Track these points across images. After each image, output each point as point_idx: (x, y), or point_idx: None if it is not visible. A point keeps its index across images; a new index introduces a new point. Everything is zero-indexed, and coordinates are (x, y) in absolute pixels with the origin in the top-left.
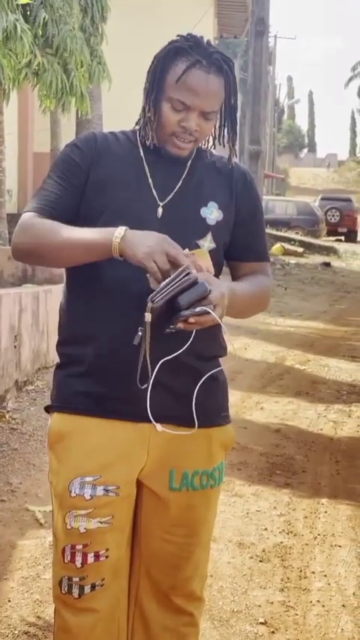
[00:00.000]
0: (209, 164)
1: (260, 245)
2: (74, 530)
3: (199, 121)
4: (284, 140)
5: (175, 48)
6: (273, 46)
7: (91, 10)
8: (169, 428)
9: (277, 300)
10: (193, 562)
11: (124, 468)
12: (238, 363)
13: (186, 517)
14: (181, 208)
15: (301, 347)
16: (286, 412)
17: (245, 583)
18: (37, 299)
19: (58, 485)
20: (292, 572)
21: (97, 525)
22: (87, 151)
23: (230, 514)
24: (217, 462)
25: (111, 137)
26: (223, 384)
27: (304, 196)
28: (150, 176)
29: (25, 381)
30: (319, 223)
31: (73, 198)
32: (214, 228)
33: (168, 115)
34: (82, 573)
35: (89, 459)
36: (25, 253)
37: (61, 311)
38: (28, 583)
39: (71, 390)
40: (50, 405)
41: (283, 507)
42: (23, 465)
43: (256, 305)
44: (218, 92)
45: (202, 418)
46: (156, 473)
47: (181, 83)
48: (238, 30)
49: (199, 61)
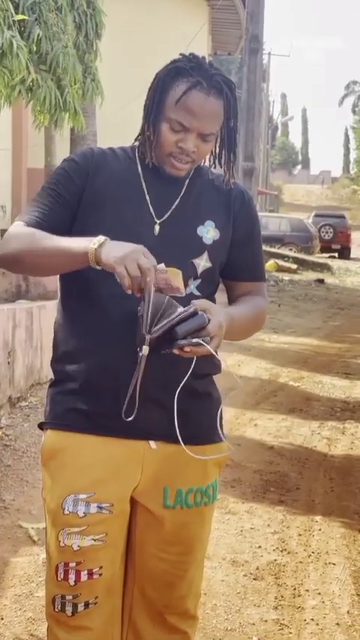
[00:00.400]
0: (208, 182)
1: (257, 265)
2: (67, 548)
3: (197, 142)
4: (278, 157)
5: (176, 68)
6: (267, 64)
7: (85, 27)
8: (163, 445)
9: (270, 316)
10: (187, 580)
11: (118, 485)
12: (232, 380)
13: (180, 535)
14: (177, 226)
15: (294, 364)
16: (280, 429)
17: (239, 601)
18: (31, 315)
19: (52, 503)
20: (286, 590)
21: (90, 543)
22: (83, 166)
23: (224, 531)
24: (212, 480)
25: (109, 153)
26: (217, 401)
27: (298, 213)
28: (147, 193)
29: (19, 397)
30: (312, 240)
31: (64, 213)
32: (211, 247)
33: (166, 135)
34: (75, 591)
35: (83, 476)
36: (8, 260)
37: (56, 327)
38: (21, 601)
39: (65, 407)
40: (44, 422)
41: (277, 525)
42: (16, 482)
43: (252, 327)
44: (217, 114)
45: (197, 436)
46: (150, 490)
47: (181, 104)
48: (233, 47)
49: (199, 82)
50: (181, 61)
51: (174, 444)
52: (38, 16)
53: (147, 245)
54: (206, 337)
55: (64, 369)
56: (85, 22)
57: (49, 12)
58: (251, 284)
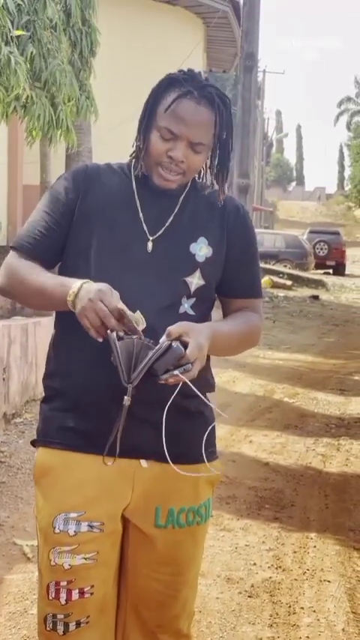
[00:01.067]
0: (203, 198)
1: (252, 282)
2: (58, 567)
3: (187, 152)
4: (273, 173)
5: (169, 79)
6: (262, 81)
7: (79, 45)
8: (154, 465)
9: (265, 332)
10: (180, 600)
11: (109, 503)
12: (227, 396)
13: (172, 555)
14: (170, 244)
15: (289, 380)
16: (274, 445)
17: (234, 619)
18: (26, 331)
19: (43, 521)
20: (281, 608)
21: (81, 562)
22: (75, 184)
23: (219, 548)
24: (204, 499)
25: (104, 169)
26: (210, 420)
27: (293, 229)
28: (141, 209)
29: (14, 413)
30: (307, 256)
31: (58, 234)
32: (203, 264)
33: (156, 143)
34: (66, 610)
35: (73, 495)
36: (5, 293)
37: (50, 344)
38: (15, 618)
39: (56, 424)
40: (36, 440)
41: (272, 542)
42: (11, 499)
43: (243, 343)
44: (207, 124)
45: (188, 454)
46: (141, 509)
47: (170, 112)
48: (227, 65)
49: (190, 91)
50: (175, 74)
51: (165, 463)
52: (32, 33)
53: (140, 262)
54: (187, 365)
55: (55, 385)
56: (80, 39)
57: (44, 30)
58: (245, 300)
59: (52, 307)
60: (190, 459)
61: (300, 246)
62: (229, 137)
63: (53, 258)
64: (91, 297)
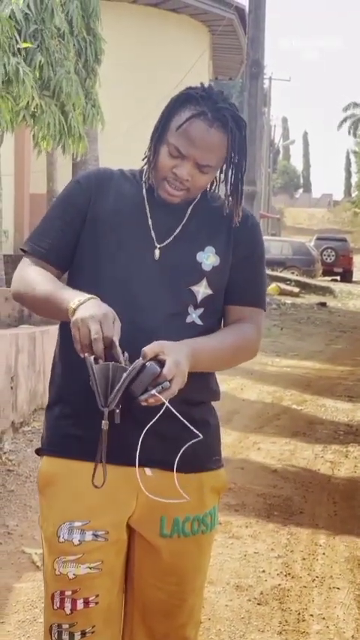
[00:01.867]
0: (212, 208)
1: (253, 290)
2: (63, 576)
3: (193, 171)
4: (279, 180)
5: (186, 95)
6: (268, 88)
7: (84, 54)
8: (159, 473)
9: (273, 340)
10: (186, 609)
11: (113, 512)
12: (235, 403)
13: (178, 564)
14: (177, 252)
15: (297, 387)
16: (283, 452)
17: (243, 626)
18: (34, 340)
19: (47, 530)
20: (290, 615)
21: (86, 571)
22: (86, 187)
23: (228, 556)
24: (209, 507)
25: (117, 174)
26: (214, 427)
27: (300, 236)
28: (150, 217)
29: (22, 422)
30: (314, 263)
31: (71, 237)
32: (210, 274)
33: (163, 159)
34: (71, 620)
35: (77, 504)
36: (18, 299)
37: (55, 350)
38: (24, 627)
39: (59, 433)
40: (40, 448)
41: (281, 549)
42: (20, 507)
43: (235, 357)
44: (217, 147)
45: (193, 463)
46: (146, 519)
47: (182, 131)
48: (234, 72)
49: (204, 112)
50: (194, 89)
51: (170, 472)
52: (40, 43)
53: (147, 269)
54: (165, 383)
55: (57, 392)
56: (85, 48)
57: (51, 39)
58: (246, 309)
59: (59, 317)
60: (195, 467)
61: (307, 253)
62: (242, 160)
63: (66, 262)
64: (93, 314)
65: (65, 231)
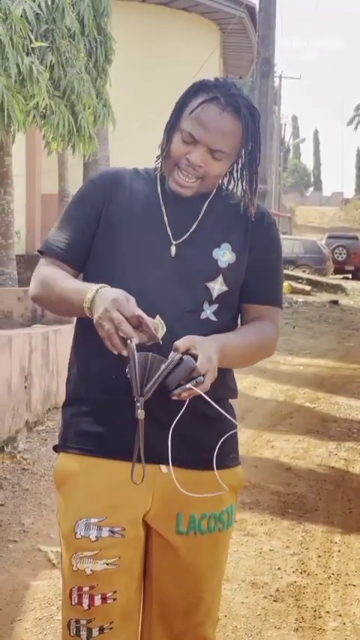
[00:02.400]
0: (228, 204)
1: (270, 288)
2: (80, 572)
3: (206, 157)
4: (290, 179)
5: (200, 84)
6: (278, 86)
7: (95, 54)
8: (174, 470)
9: (285, 338)
10: (204, 607)
11: (129, 509)
12: (248, 402)
13: (195, 562)
14: (194, 249)
15: (310, 385)
16: (297, 450)
17: (260, 623)
18: (47, 339)
19: (65, 527)
20: (306, 612)
21: (103, 567)
22: (101, 187)
23: (243, 553)
24: (226, 505)
25: (131, 173)
26: (231, 425)
27: (311, 235)
28: (166, 214)
29: (36, 421)
30: (326, 261)
31: (87, 237)
32: (226, 270)
33: (176, 145)
34: (89, 616)
35: (94, 500)
36: (37, 301)
37: (71, 348)
38: (41, 624)
39: (75, 430)
40: (57, 445)
41: (296, 546)
42: (35, 506)
43: (255, 355)
44: (230, 133)
45: (209, 461)
46: (163, 516)
47: (194, 116)
48: (244, 70)
49: (216, 97)
50: (207, 80)
51: (186, 469)
52: (51, 42)
53: (164, 267)
54: (199, 378)
55: (74, 389)
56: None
57: (62, 39)
58: (263, 307)
59: (75, 314)
60: (211, 465)
61: (318, 251)
62: (255, 149)
63: (83, 261)
64: (106, 307)
65: (81, 231)
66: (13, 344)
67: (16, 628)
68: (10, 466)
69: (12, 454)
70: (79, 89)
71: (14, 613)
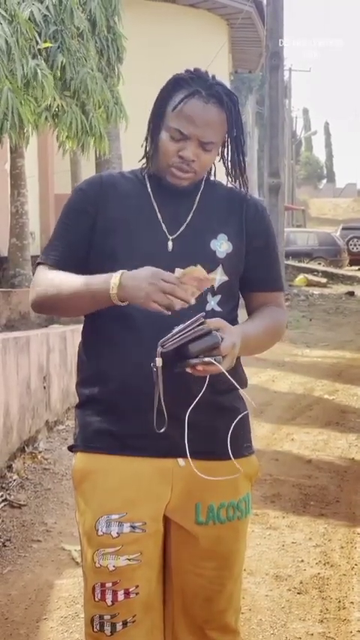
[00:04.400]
0: (220, 195)
1: (272, 275)
2: (103, 569)
3: (198, 151)
4: (303, 172)
5: (175, 79)
6: (288, 79)
7: (107, 52)
8: (192, 462)
9: (302, 331)
10: (225, 595)
11: (149, 504)
12: (267, 395)
13: (215, 550)
14: (190, 242)
15: (328, 377)
16: (317, 443)
17: (284, 615)
18: (65, 339)
19: (85, 525)
20: (330, 603)
21: (125, 562)
22: (92, 194)
23: (266, 547)
24: (243, 494)
25: (118, 176)
26: (244, 415)
27: (325, 227)
28: (159, 211)
29: (56, 421)
30: (341, 253)
31: (81, 244)
32: (224, 260)
33: (166, 144)
34: (112, 611)
35: (114, 497)
36: (39, 306)
37: (79, 350)
38: (67, 622)
39: (92, 429)
40: (73, 445)
41: (319, 538)
42: (57, 505)
43: (270, 340)
44: (217, 123)
45: (224, 451)
46: (182, 507)
47: (178, 112)
48: (253, 64)
49: (197, 91)
50: (182, 74)
51: (202, 461)
52: (61, 43)
53: (162, 262)
54: (218, 357)
55: (88, 392)
56: (107, 47)
57: (72, 39)
58: (267, 294)
59: (92, 307)
60: (226, 455)
61: (333, 243)
62: (239, 134)
63: (79, 269)
64: (150, 281)
65: (76, 240)
66: (31, 344)
67: (42, 627)
68: (32, 466)
69: (33, 454)
70: (91, 87)
71: (40, 612)
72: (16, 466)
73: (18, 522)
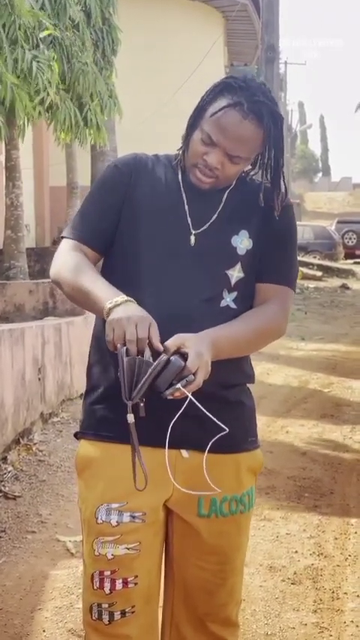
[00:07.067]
0: (247, 192)
1: (281, 268)
2: (102, 557)
3: (224, 160)
4: (298, 165)
5: (225, 83)
6: (284, 73)
7: (102, 44)
8: (195, 455)
9: (297, 324)
10: (227, 588)
11: (150, 494)
12: (262, 388)
13: (217, 544)
14: (212, 238)
15: (323, 370)
16: (311, 435)
17: (278, 606)
18: (60, 331)
19: (86, 512)
20: (324, 594)
21: (124, 552)
22: (124, 172)
23: (260, 538)
24: (247, 487)
25: (153, 159)
26: (249, 409)
27: (321, 221)
28: (187, 203)
29: (50, 413)
30: (336, 247)
31: (110, 221)
32: (244, 257)
33: (195, 145)
34: (110, 599)
35: (115, 486)
36: (55, 283)
37: (92, 335)
38: (62, 613)
39: (97, 417)
40: (78, 432)
41: (313, 529)
42: (52, 496)
43: (262, 339)
44: (250, 140)
45: (230, 444)
46: (184, 499)
47: (215, 119)
48: (249, 57)
49: (240, 103)
50: (234, 79)
51: (208, 453)
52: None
53: (183, 255)
54: (190, 377)
55: (94, 377)
56: (102, 38)
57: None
58: (273, 287)
59: (95, 312)
60: (231, 448)
61: (329, 236)
62: (278, 155)
63: (105, 245)
64: (129, 316)
65: (104, 215)
66: (25, 337)
67: (37, 617)
68: (27, 458)
69: (28, 446)
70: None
71: (34, 602)
72: (11, 458)
73: (13, 514)
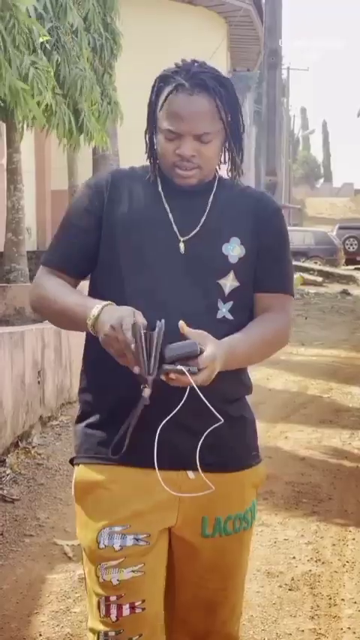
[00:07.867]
0: (233, 196)
1: (279, 275)
2: (107, 583)
3: (196, 145)
4: (300, 171)
5: (160, 77)
6: (286, 78)
7: (102, 50)
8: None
9: (297, 329)
10: (229, 605)
11: (155, 516)
12: (262, 394)
13: (220, 562)
14: (202, 246)
15: (323, 375)
16: (310, 441)
17: (275, 612)
18: (60, 335)
19: (87, 538)
20: (321, 600)
21: (129, 575)
22: (99, 190)
23: (258, 543)
24: (249, 504)
25: (129, 173)
26: (251, 422)
27: (322, 226)
28: (170, 211)
29: (50, 416)
30: (337, 252)
31: (86, 243)
32: (236, 266)
33: (164, 146)
34: (117, 627)
35: (117, 509)
36: (35, 311)
37: (83, 358)
38: (58, 617)
39: (95, 440)
40: (75, 457)
41: (311, 535)
42: (50, 500)
43: (269, 349)
44: (207, 112)
45: (233, 462)
46: (188, 520)
47: (166, 110)
48: (251, 63)
49: (180, 84)
50: (166, 70)
51: (211, 473)
52: (56, 40)
53: (174, 265)
54: (194, 368)
55: (91, 400)
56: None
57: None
58: (273, 296)
59: (77, 329)
60: (235, 466)
61: (330, 242)
62: (236, 116)
63: (82, 269)
64: (112, 324)
65: (79, 238)
66: (25, 340)
67: (34, 621)
68: (25, 461)
69: (26, 449)
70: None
71: (31, 606)
72: (10, 461)
73: (10, 517)
